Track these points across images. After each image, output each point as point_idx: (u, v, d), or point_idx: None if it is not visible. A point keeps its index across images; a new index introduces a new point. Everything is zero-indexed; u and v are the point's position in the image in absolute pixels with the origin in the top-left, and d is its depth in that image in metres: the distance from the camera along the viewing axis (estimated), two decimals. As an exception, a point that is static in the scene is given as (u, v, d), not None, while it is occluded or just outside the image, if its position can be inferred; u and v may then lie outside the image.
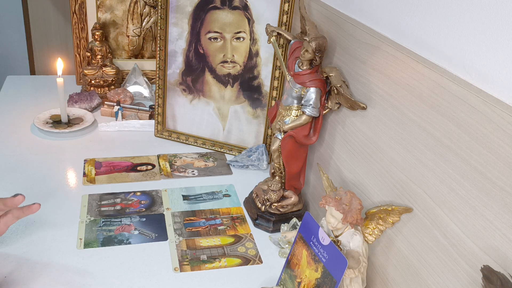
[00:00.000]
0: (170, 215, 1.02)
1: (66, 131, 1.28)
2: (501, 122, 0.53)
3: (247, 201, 1.07)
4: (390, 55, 0.74)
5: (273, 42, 1.01)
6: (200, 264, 0.89)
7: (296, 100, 0.93)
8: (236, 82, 1.22)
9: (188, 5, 1.20)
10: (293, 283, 0.78)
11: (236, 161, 1.21)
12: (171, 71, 1.26)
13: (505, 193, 0.53)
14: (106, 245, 0.92)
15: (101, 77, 1.50)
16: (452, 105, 0.60)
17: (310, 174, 1.08)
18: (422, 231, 0.67)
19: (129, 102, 1.45)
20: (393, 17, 0.76)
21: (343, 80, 0.88)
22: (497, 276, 0.50)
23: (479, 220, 0.56)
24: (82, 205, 1.02)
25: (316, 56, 0.88)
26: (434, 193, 0.64)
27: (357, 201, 0.73)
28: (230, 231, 0.99)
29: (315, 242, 0.74)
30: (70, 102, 1.41)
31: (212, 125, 1.27)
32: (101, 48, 1.51)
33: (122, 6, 1.53)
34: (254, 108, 1.22)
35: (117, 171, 1.15)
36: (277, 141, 0.96)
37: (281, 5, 1.10)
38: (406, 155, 0.71)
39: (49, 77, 1.63)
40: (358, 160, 0.86)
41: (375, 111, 0.79)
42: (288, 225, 0.98)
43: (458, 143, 0.60)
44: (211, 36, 1.20)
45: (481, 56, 0.57)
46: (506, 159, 0.52)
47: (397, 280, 0.74)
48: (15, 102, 1.45)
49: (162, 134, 1.32)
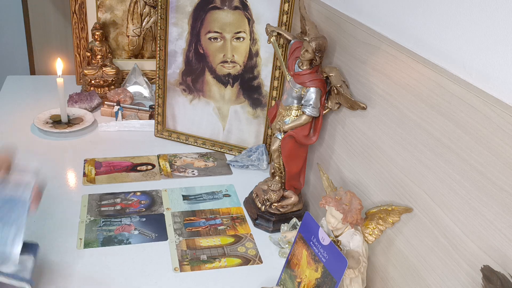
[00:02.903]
0: (170, 215, 1.02)
1: (66, 131, 1.28)
2: (501, 122, 0.53)
3: (247, 201, 1.07)
4: (390, 55, 0.74)
5: (273, 42, 1.01)
6: (200, 264, 0.89)
7: (296, 100, 0.93)
8: (236, 82, 1.22)
9: (188, 5, 1.20)
10: (293, 283, 0.78)
11: (236, 161, 1.21)
12: (171, 71, 1.26)
13: (505, 193, 0.53)
14: (106, 245, 0.92)
15: (101, 77, 1.50)
16: (452, 105, 0.60)
17: (310, 174, 1.08)
18: (422, 231, 0.67)
19: (129, 102, 1.45)
20: (393, 17, 0.76)
21: (343, 80, 0.88)
22: (497, 276, 0.50)
23: (479, 220, 0.56)
24: (82, 205, 1.02)
25: (316, 56, 0.88)
26: (434, 193, 0.64)
27: (357, 201, 0.73)
28: (230, 231, 0.99)
29: (315, 242, 0.74)
30: (70, 102, 1.41)
31: (212, 125, 1.27)
32: (101, 48, 1.51)
33: (122, 6, 1.53)
34: (254, 108, 1.22)
35: (117, 171, 1.15)
36: (277, 141, 0.96)
37: (281, 5, 1.09)
38: (406, 155, 0.71)
39: (49, 77, 1.63)
40: (358, 160, 0.86)
41: (375, 111, 0.79)
42: (288, 225, 0.98)
43: (458, 143, 0.60)
44: (211, 36, 1.20)
45: (481, 56, 0.57)
46: (506, 159, 0.52)
47: (397, 280, 0.74)
48: (15, 102, 1.45)
49: (162, 134, 1.32)
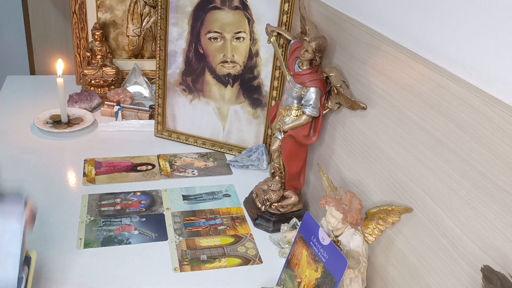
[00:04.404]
0: (170, 215, 1.02)
1: (66, 131, 1.28)
2: (501, 122, 0.53)
3: (247, 201, 1.07)
4: (390, 55, 0.74)
5: (273, 42, 1.01)
6: (200, 264, 0.89)
7: (296, 100, 0.93)
8: (236, 82, 1.21)
9: (188, 5, 1.20)
10: (293, 283, 0.78)
11: (236, 161, 1.21)
12: (171, 71, 1.26)
13: (505, 193, 0.53)
14: (106, 245, 0.92)
15: (101, 77, 1.50)
16: (452, 105, 0.60)
17: (310, 174, 1.08)
18: (422, 231, 0.67)
19: (129, 102, 1.45)
20: (393, 17, 0.76)
21: (343, 80, 0.88)
22: (497, 276, 0.50)
23: (479, 220, 0.56)
24: (82, 205, 1.02)
25: (316, 56, 0.88)
26: (434, 193, 0.64)
27: (357, 201, 0.73)
28: (230, 231, 0.99)
29: (315, 242, 0.74)
30: (70, 102, 1.41)
31: (212, 125, 1.27)
32: (101, 48, 1.51)
33: (122, 6, 1.53)
34: (254, 108, 1.22)
35: (117, 171, 1.15)
36: (277, 141, 0.96)
37: (281, 5, 1.09)
38: (406, 155, 0.71)
39: (49, 77, 1.63)
40: (358, 160, 0.86)
41: (375, 111, 0.79)
42: (288, 225, 0.98)
43: (458, 143, 0.60)
44: (211, 36, 1.20)
45: (481, 56, 0.57)
46: (506, 159, 0.52)
47: (397, 280, 0.74)
48: (15, 102, 1.45)
49: (162, 134, 1.32)
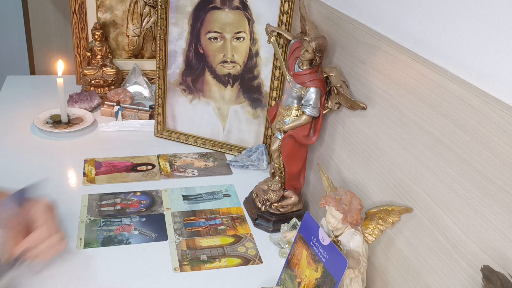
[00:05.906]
0: (170, 215, 1.02)
1: (66, 131, 1.28)
2: (501, 122, 0.53)
3: (247, 201, 1.07)
4: (390, 55, 0.74)
5: (273, 42, 1.01)
6: (200, 264, 0.89)
7: (296, 100, 0.93)
8: (236, 82, 1.21)
9: (188, 5, 1.20)
10: (293, 283, 0.78)
11: (236, 161, 1.21)
12: (171, 71, 1.26)
13: (505, 193, 0.53)
14: (106, 245, 0.92)
15: (101, 77, 1.50)
16: (452, 105, 0.60)
17: (310, 174, 1.08)
18: (422, 231, 0.67)
19: (129, 102, 1.45)
20: (393, 17, 0.76)
21: (343, 80, 0.88)
22: (497, 276, 0.50)
23: (479, 220, 0.56)
24: (82, 205, 1.02)
25: (316, 56, 0.88)
26: (434, 193, 0.64)
27: (357, 201, 0.73)
28: (230, 231, 0.99)
29: (315, 242, 0.74)
30: (70, 102, 1.41)
31: (212, 125, 1.27)
32: (101, 48, 1.51)
33: (122, 6, 1.53)
34: (254, 108, 1.22)
35: (117, 171, 1.15)
36: (277, 141, 0.96)
37: (281, 5, 1.09)
38: (406, 155, 0.71)
39: (49, 77, 1.63)
40: (358, 160, 0.86)
41: (375, 111, 0.79)
42: (288, 225, 0.98)
43: (458, 143, 0.60)
44: (211, 36, 1.20)
45: (481, 56, 0.57)
46: (506, 159, 0.52)
47: (397, 280, 0.74)
48: (15, 102, 1.45)
49: (162, 134, 1.32)
